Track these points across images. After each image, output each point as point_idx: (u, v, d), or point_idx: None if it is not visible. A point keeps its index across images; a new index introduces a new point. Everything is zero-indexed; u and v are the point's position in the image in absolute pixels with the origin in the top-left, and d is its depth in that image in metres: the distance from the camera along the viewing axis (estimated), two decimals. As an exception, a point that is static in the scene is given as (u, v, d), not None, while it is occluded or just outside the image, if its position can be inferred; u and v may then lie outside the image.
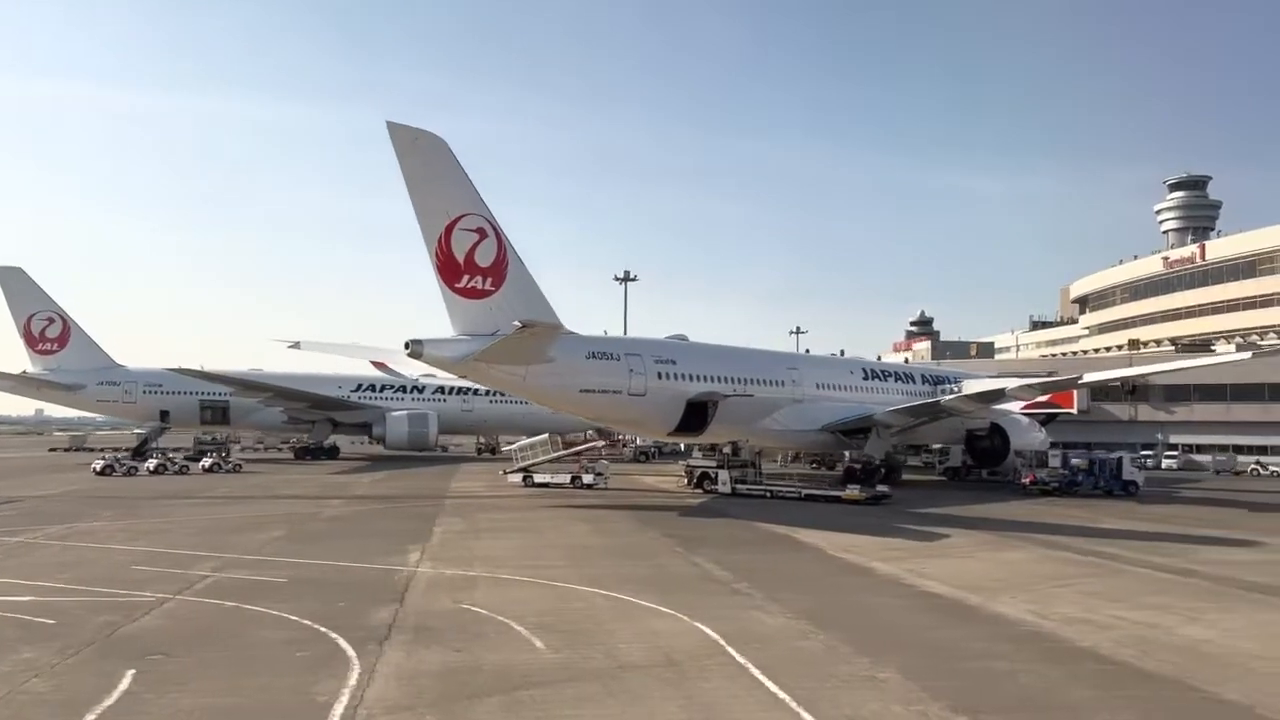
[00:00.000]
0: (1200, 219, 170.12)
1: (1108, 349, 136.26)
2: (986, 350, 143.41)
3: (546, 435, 58.29)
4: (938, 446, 72.52)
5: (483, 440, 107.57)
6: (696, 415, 53.76)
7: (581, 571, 25.21)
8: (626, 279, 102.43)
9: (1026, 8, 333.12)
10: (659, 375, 52.23)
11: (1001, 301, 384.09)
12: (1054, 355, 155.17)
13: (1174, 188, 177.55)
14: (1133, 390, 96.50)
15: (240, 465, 71.05)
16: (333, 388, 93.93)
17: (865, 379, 67.69)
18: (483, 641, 17.11)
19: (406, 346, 44.83)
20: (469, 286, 45.72)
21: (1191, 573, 26.53)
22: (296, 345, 67.53)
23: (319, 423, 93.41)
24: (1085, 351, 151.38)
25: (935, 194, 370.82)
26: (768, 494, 50.44)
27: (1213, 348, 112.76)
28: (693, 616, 19.27)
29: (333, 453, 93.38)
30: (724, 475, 52.55)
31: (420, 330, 45.67)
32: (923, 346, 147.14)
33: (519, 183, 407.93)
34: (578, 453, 57.84)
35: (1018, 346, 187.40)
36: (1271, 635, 18.59)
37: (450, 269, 45.24)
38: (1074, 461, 56.45)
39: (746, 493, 51.01)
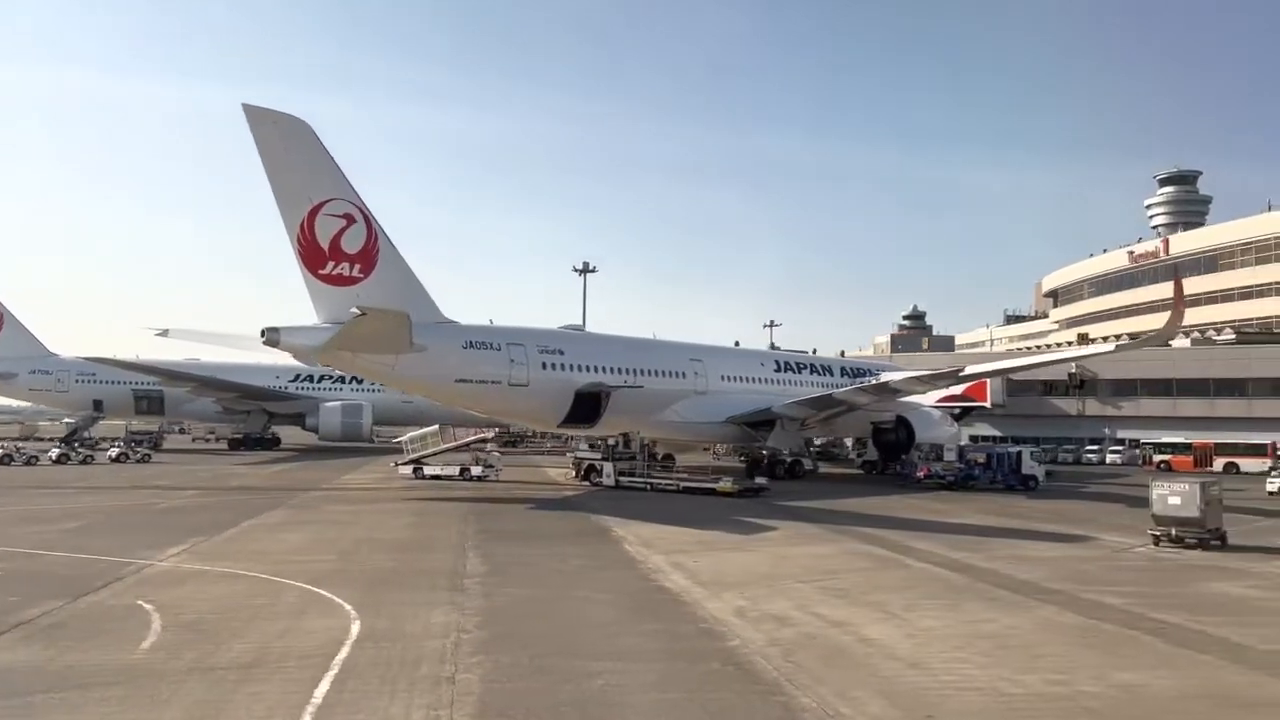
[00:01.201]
0: (1190, 214, 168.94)
1: (1069, 343, 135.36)
2: (945, 344, 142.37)
3: (437, 426, 57.54)
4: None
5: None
6: (587, 406, 52.95)
7: (329, 566, 24.45)
8: (586, 270, 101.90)
9: (1025, 3, 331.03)
10: (544, 365, 51.38)
11: (1001, 296, 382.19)
12: (1023, 349, 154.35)
13: (1164, 183, 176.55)
14: (1080, 385, 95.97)
15: (149, 456, 70.26)
16: (269, 378, 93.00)
17: (777, 371, 66.79)
18: (93, 640, 16.33)
19: (262, 334, 44.05)
20: (334, 273, 44.79)
21: (968, 569, 25.69)
22: (164, 333, 66.61)
23: (253, 413, 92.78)
24: (1049, 345, 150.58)
25: (934, 189, 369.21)
26: (648, 486, 49.72)
27: (1170, 343, 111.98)
28: (365, 614, 18.52)
29: (270, 443, 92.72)
30: (608, 468, 51.73)
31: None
32: (883, 340, 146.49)
33: (515, 176, 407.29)
34: (466, 444, 56.99)
35: (991, 340, 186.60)
36: (946, 637, 17.70)
37: (314, 255, 44.32)
38: (969, 455, 55.41)
39: (628, 485, 50.22)
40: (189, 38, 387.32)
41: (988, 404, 72.90)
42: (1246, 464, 72.46)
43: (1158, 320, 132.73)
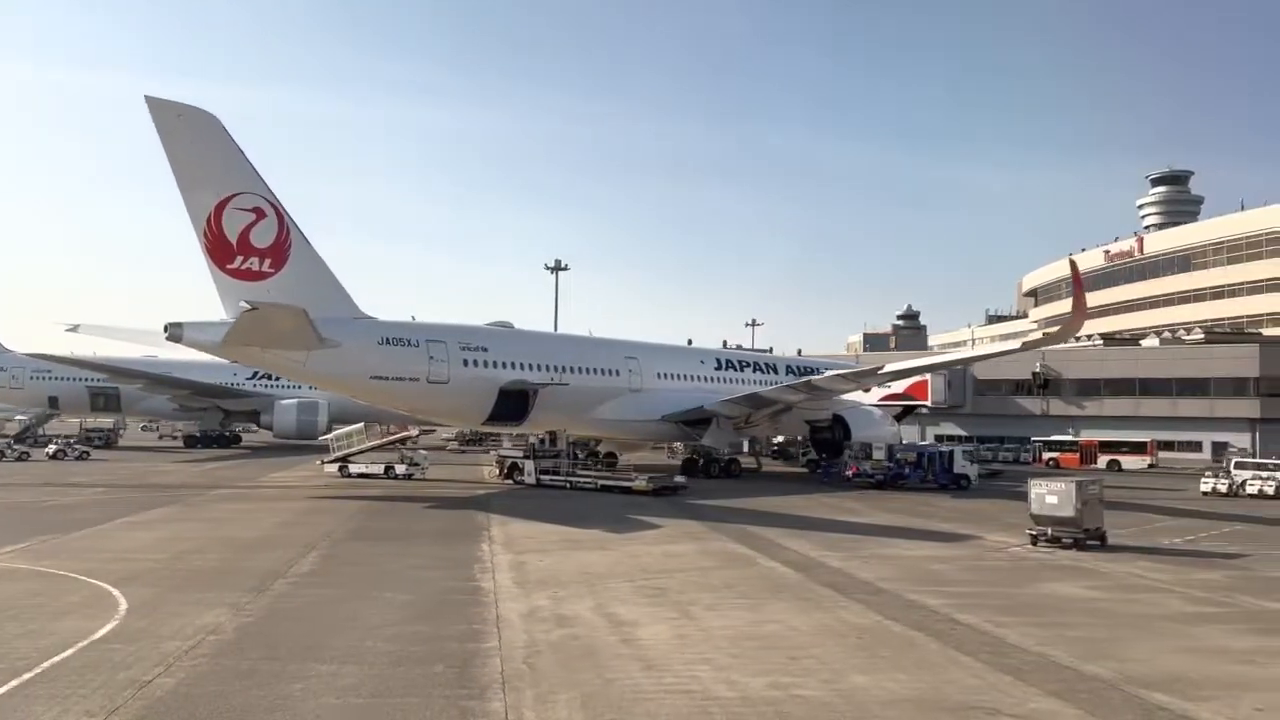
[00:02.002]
0: (1182, 214, 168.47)
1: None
2: (918, 342, 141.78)
3: (362, 424, 57.05)
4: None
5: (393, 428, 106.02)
6: (513, 404, 52.41)
7: (151, 565, 23.96)
8: (558, 268, 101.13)
9: (1025, 3, 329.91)
10: (465, 363, 50.80)
11: (999, 296, 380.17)
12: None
13: (1156, 182, 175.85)
14: (1045, 384, 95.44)
15: (88, 453, 69.72)
16: (226, 375, 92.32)
17: (719, 369, 66.22)
18: None
19: (166, 329, 43.53)
20: (243, 268, 44.16)
21: (814, 568, 25.18)
22: (75, 328, 66.05)
23: (209, 410, 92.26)
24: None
25: (934, 188, 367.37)
26: (567, 485, 49.24)
27: (1141, 343, 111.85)
28: (133, 615, 18.13)
29: (229, 441, 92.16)
30: (529, 465, 51.21)
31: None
32: (855, 339, 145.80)
33: (515, 175, 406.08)
34: (393, 441, 56.48)
35: (973, 340, 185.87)
36: (719, 638, 17.17)
37: (221, 250, 43.70)
38: (899, 454, 54.79)
39: (549, 483, 49.72)
40: (189, 38, 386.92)
41: (928, 402, 72.49)
42: (1128, 461, 75.02)
43: (1133, 320, 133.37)
